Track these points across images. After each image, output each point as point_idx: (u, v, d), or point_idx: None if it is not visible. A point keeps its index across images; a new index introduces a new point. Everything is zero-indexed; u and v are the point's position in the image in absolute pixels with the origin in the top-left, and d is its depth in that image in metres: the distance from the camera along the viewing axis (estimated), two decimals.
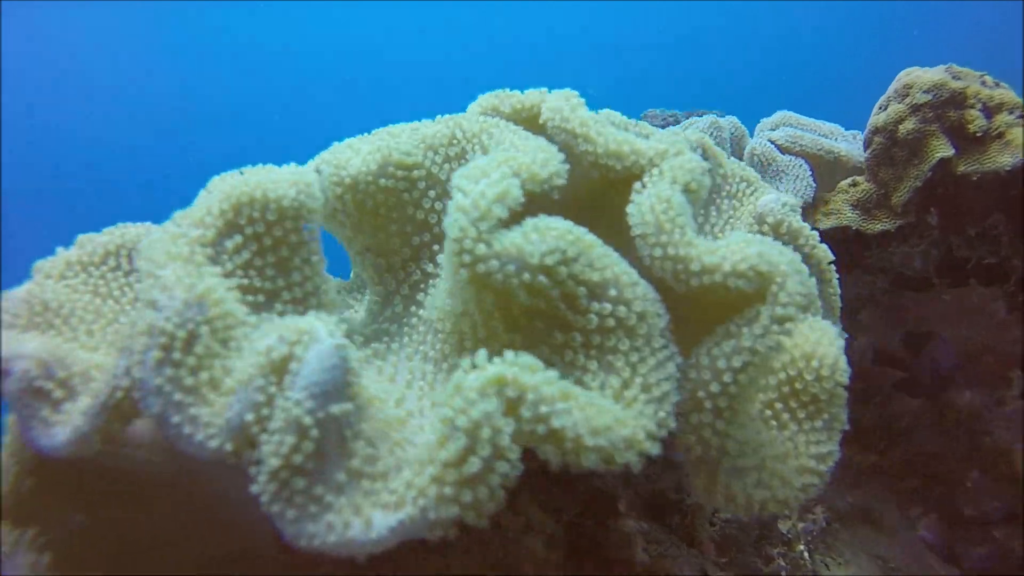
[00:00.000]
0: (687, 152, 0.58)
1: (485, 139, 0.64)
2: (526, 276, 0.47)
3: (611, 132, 0.59)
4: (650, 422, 0.45)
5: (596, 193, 0.63)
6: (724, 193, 0.85)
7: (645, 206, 0.53)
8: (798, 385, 0.58)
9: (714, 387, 0.50)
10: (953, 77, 1.39)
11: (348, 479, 0.40)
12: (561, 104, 0.62)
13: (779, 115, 1.69)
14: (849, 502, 1.67)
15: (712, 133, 1.59)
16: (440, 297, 0.57)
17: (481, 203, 0.47)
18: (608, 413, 0.43)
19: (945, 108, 1.33)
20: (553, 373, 0.42)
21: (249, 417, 0.40)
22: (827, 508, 1.62)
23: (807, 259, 0.76)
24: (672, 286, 0.52)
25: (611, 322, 0.49)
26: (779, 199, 0.77)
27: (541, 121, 0.64)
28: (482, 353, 0.42)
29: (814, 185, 1.46)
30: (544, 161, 0.55)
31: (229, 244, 0.53)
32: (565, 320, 0.49)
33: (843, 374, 0.57)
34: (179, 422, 0.41)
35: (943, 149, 1.30)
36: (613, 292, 0.49)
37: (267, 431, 0.39)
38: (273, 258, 0.55)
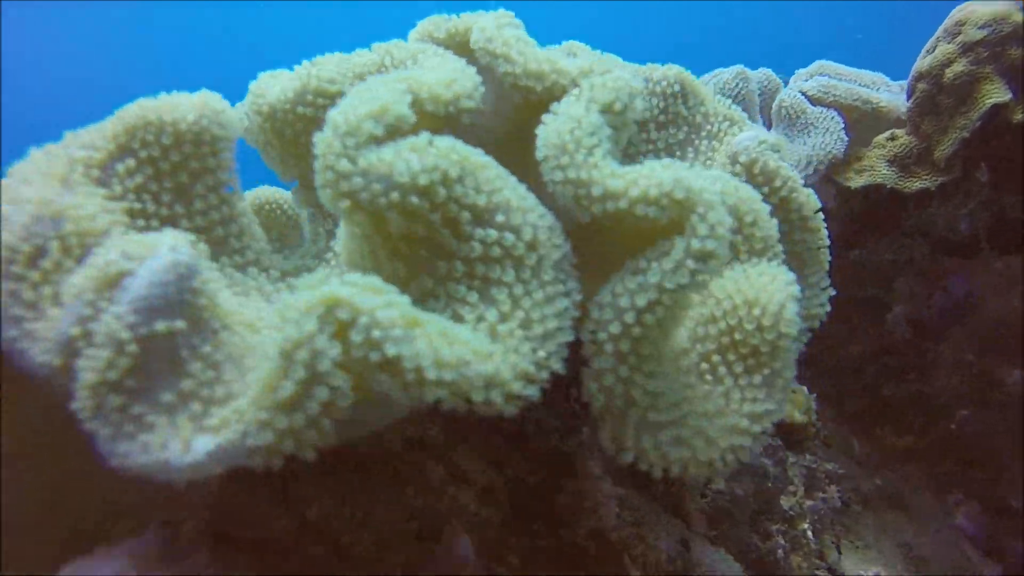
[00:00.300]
0: (615, 71, 0.52)
1: (410, 64, 0.60)
2: (394, 196, 0.42)
3: (532, 51, 0.54)
4: (523, 361, 0.41)
5: (523, 122, 0.57)
6: (704, 133, 0.78)
7: (552, 127, 0.48)
8: (737, 335, 0.51)
9: (614, 328, 0.45)
10: (1021, 8, 1.23)
11: (176, 400, 0.38)
12: (489, 24, 0.57)
13: (816, 65, 1.55)
14: (877, 484, 1.56)
15: (738, 84, 1.48)
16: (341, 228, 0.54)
17: (351, 118, 0.43)
18: (464, 346, 0.38)
19: (1005, 45, 1.17)
20: (401, 298, 0.38)
21: (75, 331, 0.38)
22: (850, 489, 1.51)
23: (785, 203, 0.68)
24: (578, 217, 0.47)
25: (496, 251, 0.44)
26: (756, 136, 0.69)
27: (471, 45, 0.59)
28: (336, 279, 0.39)
29: (846, 139, 1.34)
30: (449, 81, 0.51)
31: (120, 167, 0.51)
32: (448, 248, 0.45)
33: (788, 325, 0.50)
34: (15, 336, 0.39)
35: (997, 94, 1.16)
36: (501, 218, 0.45)
37: (92, 346, 0.37)
38: (171, 183, 0.53)
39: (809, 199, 0.69)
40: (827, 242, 0.72)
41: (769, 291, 0.51)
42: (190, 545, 0.45)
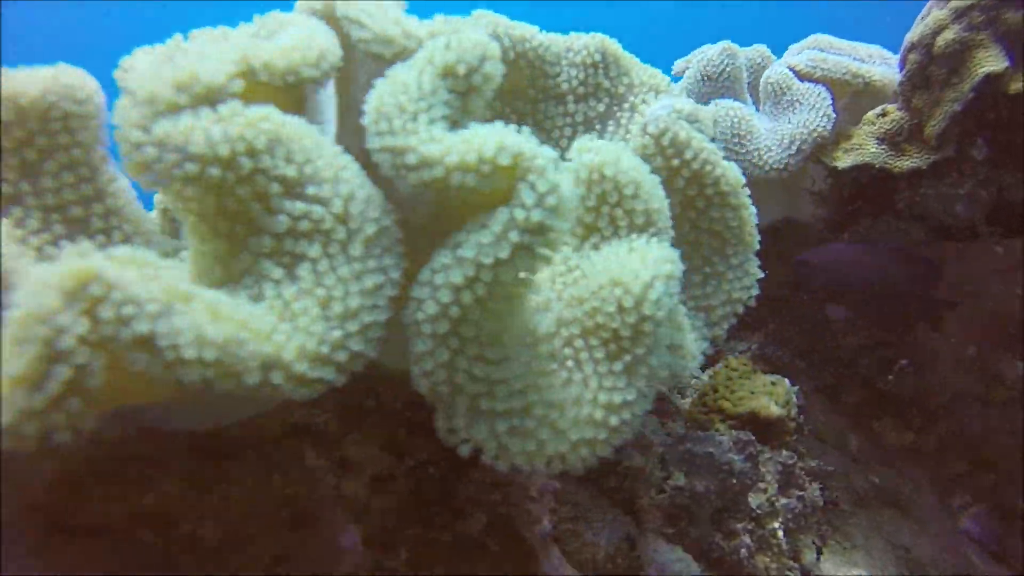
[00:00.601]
0: (468, 32, 0.48)
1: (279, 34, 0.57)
2: (191, 168, 0.40)
3: (384, 14, 0.50)
4: (312, 341, 0.38)
5: None
6: (627, 105, 0.73)
7: (376, 92, 0.44)
8: (600, 318, 0.47)
9: (429, 308, 0.41)
10: None
11: None
12: None
13: (811, 38, 1.46)
14: (874, 482, 1.47)
15: (723, 61, 1.40)
16: None
17: (151, 86, 0.41)
18: (234, 324, 0.36)
19: (1001, 8, 1.08)
20: (173, 273, 0.36)
21: None
22: (842, 486, 1.43)
23: (698, 177, 0.63)
24: (400, 189, 0.43)
25: (304, 224, 0.41)
26: (669, 106, 0.64)
27: (335, 13, 0.56)
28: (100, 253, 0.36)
29: (833, 116, 1.25)
30: (288, 49, 0.48)
31: None
32: (261, 223, 0.42)
33: (652, 307, 0.45)
34: None
35: (992, 62, 1.06)
36: (312, 190, 0.42)
37: None
38: (14, 161, 0.52)
39: (728, 172, 0.64)
40: (752, 219, 0.67)
41: (634, 269, 0.47)
42: (9, 531, 0.44)
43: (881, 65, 1.36)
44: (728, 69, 1.40)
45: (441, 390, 0.43)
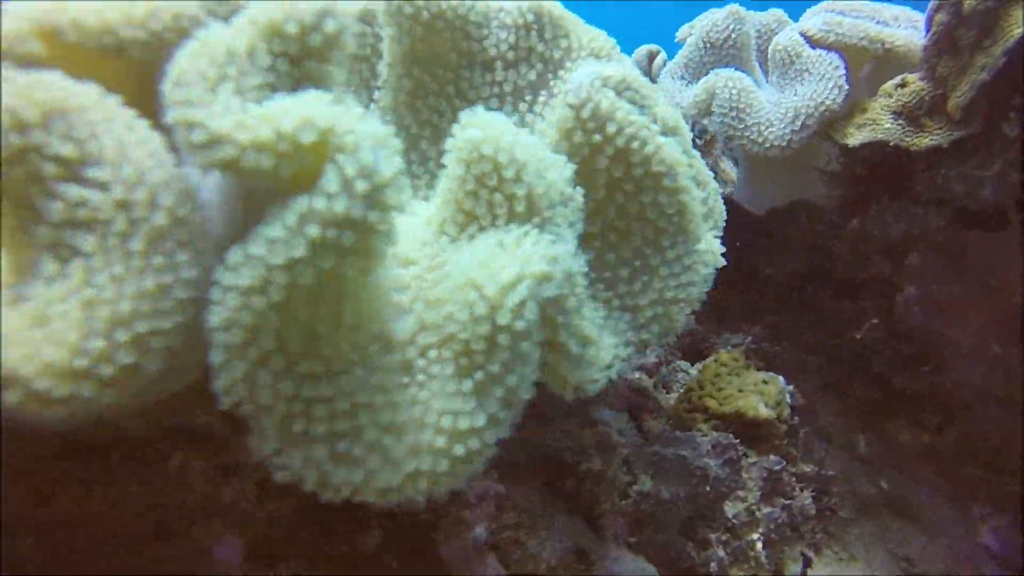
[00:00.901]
0: None
1: None
2: None
3: None
4: (61, 352, 0.32)
5: None
6: (563, 72, 0.64)
7: (178, 56, 0.37)
8: (452, 327, 0.40)
9: (218, 314, 0.35)
10: None
11: None
12: None
13: (831, 1, 1.32)
14: (882, 487, 1.36)
15: (729, 27, 1.28)
16: None
17: None
18: None
19: None
20: None
21: None
22: (846, 491, 1.33)
23: (623, 156, 0.54)
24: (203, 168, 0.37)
25: (82, 213, 0.35)
26: (596, 72, 0.55)
27: None
28: None
29: (846, 87, 1.12)
30: (106, 5, 0.41)
31: None
32: (40, 210, 0.36)
33: (508, 315, 0.38)
34: None
35: None
36: (93, 172, 0.35)
37: None
38: None
39: (661, 150, 0.55)
40: (694, 205, 0.57)
41: (494, 269, 0.39)
42: None
43: (908, 29, 1.21)
44: (734, 35, 1.28)
45: (245, 408, 0.37)
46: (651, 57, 1.47)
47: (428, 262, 0.45)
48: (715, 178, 0.95)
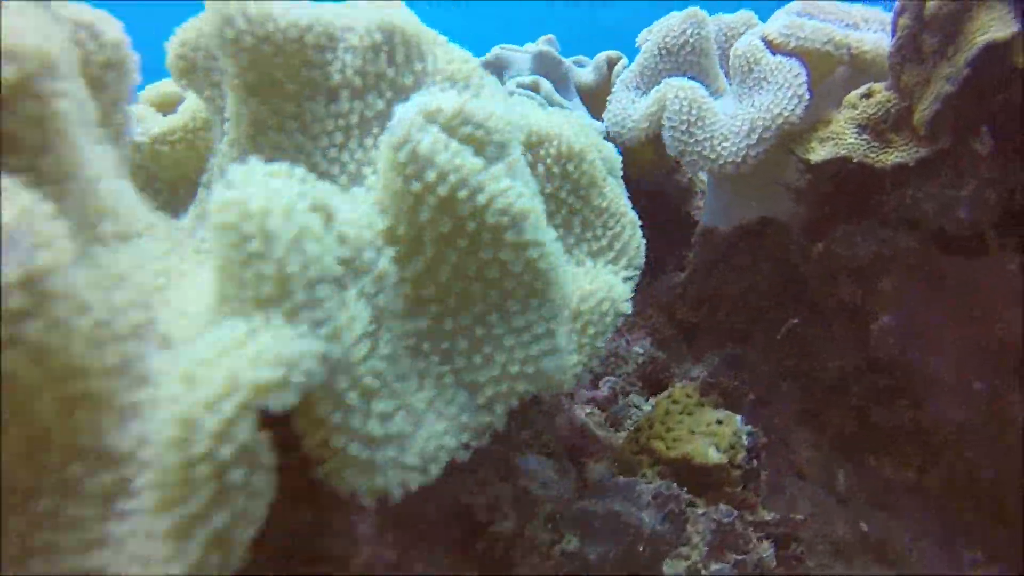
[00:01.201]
0: None
1: None
2: None
3: None
4: None
5: None
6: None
7: None
8: (154, 450, 0.32)
9: None
10: None
11: None
12: None
13: (798, 3, 1.21)
14: (862, 530, 1.25)
15: (685, 31, 1.18)
16: None
17: None
18: None
19: None
20: None
21: None
22: (817, 535, 1.22)
23: (448, 208, 0.45)
24: None
25: None
26: (421, 106, 0.46)
27: None
28: None
29: (807, 96, 1.02)
30: None
31: None
32: None
33: (205, 442, 0.29)
34: None
35: (996, 26, 0.80)
36: None
37: None
38: None
39: (498, 200, 0.45)
40: (550, 263, 0.48)
41: (202, 377, 0.31)
42: None
43: (878, 32, 1.10)
44: (692, 40, 1.18)
45: None
46: (611, 63, 1.38)
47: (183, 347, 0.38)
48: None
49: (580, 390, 1.25)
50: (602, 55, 1.37)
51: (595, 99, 1.25)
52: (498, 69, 1.40)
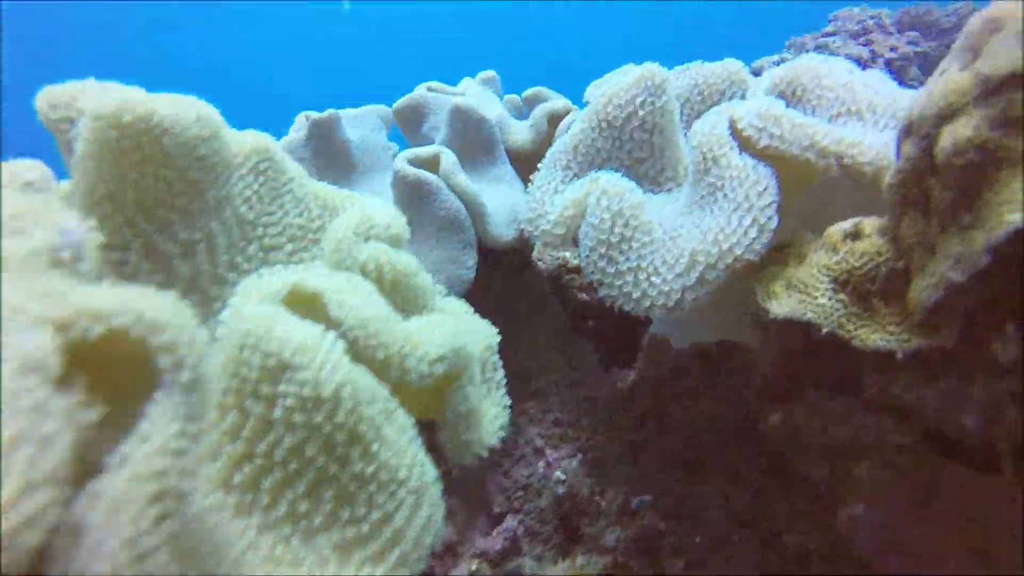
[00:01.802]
0: None
1: None
2: None
3: None
4: None
5: None
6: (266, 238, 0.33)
7: None
8: None
9: None
10: None
11: None
12: None
13: (788, 67, 0.90)
14: None
15: (637, 99, 0.89)
16: None
17: None
18: None
19: None
20: None
21: None
22: None
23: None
24: None
25: None
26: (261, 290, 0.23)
27: None
28: None
29: (771, 226, 0.73)
30: None
31: None
32: None
33: None
34: None
35: None
36: None
37: None
38: None
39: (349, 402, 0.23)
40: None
41: None
42: None
43: (890, 130, 0.79)
44: (643, 114, 0.89)
45: None
46: (553, 119, 1.10)
47: None
48: None
49: (472, 533, 1.03)
50: (542, 109, 1.08)
51: (534, 165, 0.98)
52: (417, 117, 1.13)
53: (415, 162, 0.93)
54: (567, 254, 1.14)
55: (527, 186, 0.95)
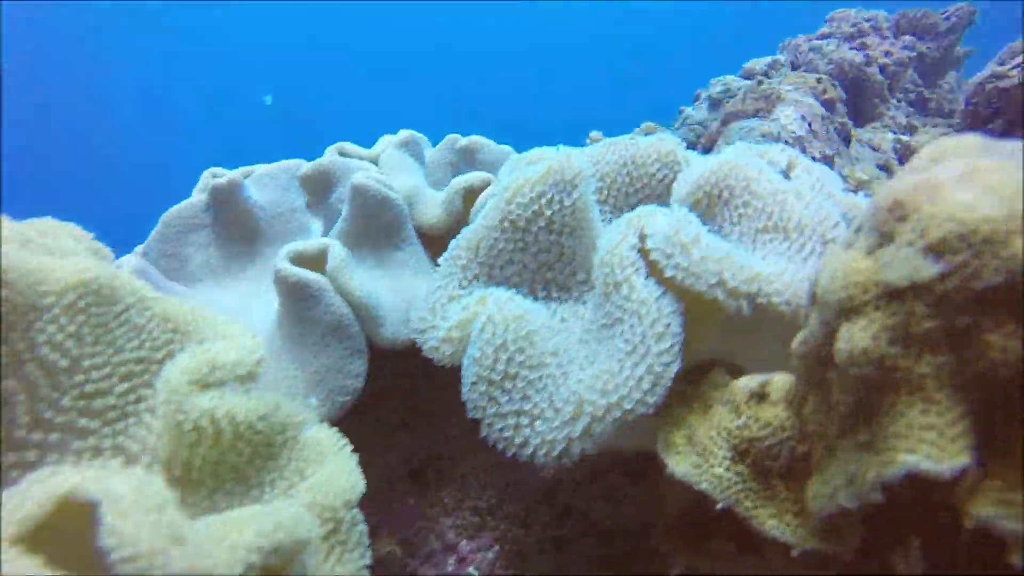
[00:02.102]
0: None
1: None
2: None
3: None
4: None
5: None
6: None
7: None
8: None
9: None
10: None
11: None
12: None
13: (718, 165, 0.79)
14: None
15: (545, 196, 0.80)
16: None
17: None
18: None
19: (967, 313, 0.40)
20: None
21: None
22: None
23: None
24: None
25: None
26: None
27: None
28: None
29: (669, 375, 0.64)
30: None
31: None
32: None
33: None
34: None
35: (928, 444, 0.41)
36: None
37: None
38: None
39: None
40: None
41: None
42: None
43: (812, 256, 0.69)
44: (550, 213, 0.81)
45: None
46: (469, 195, 0.99)
47: None
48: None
49: None
50: (458, 183, 0.98)
51: (447, 245, 0.88)
52: (325, 186, 1.03)
53: (299, 260, 0.84)
54: None
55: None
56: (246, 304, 0.99)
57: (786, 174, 0.87)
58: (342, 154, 1.08)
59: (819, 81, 2.83)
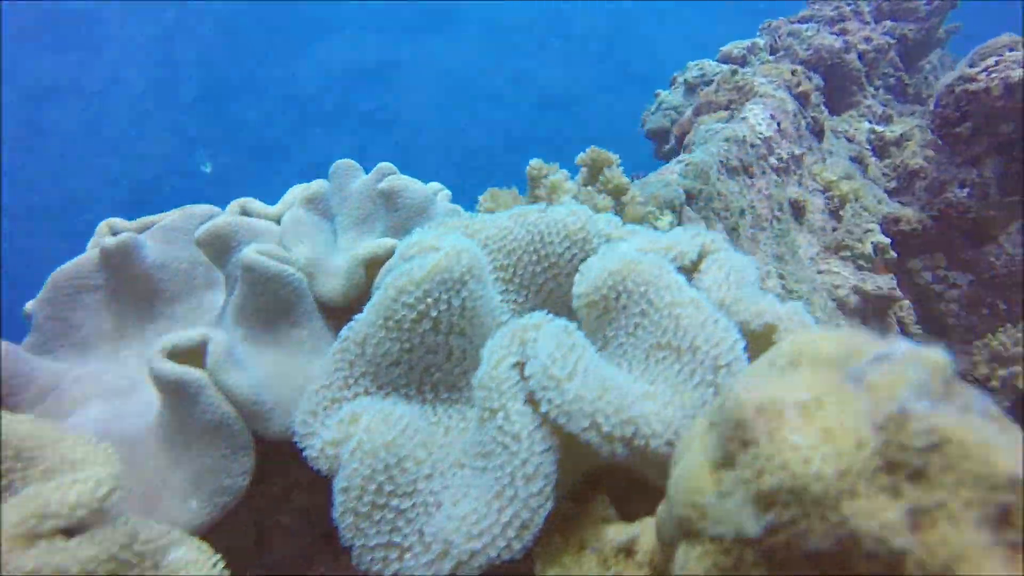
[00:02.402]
0: None
1: None
2: None
3: None
4: None
5: None
6: None
7: None
8: None
9: None
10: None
11: None
12: None
13: (620, 265, 0.74)
14: None
15: (432, 296, 0.75)
16: None
17: None
18: None
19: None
20: None
21: None
22: None
23: None
24: None
25: None
26: None
27: None
28: None
29: (539, 517, 0.61)
30: None
31: None
32: None
33: None
34: None
35: None
36: None
37: None
38: None
39: None
40: None
41: None
42: None
43: (700, 387, 0.65)
44: (436, 314, 0.76)
45: None
46: (371, 265, 0.94)
47: None
48: None
49: None
50: (359, 254, 0.91)
51: (351, 317, 0.84)
52: (223, 250, 0.97)
53: (176, 353, 0.78)
54: None
55: None
56: (137, 379, 0.94)
57: (696, 265, 0.82)
58: (244, 212, 1.01)
59: (794, 73, 2.73)
